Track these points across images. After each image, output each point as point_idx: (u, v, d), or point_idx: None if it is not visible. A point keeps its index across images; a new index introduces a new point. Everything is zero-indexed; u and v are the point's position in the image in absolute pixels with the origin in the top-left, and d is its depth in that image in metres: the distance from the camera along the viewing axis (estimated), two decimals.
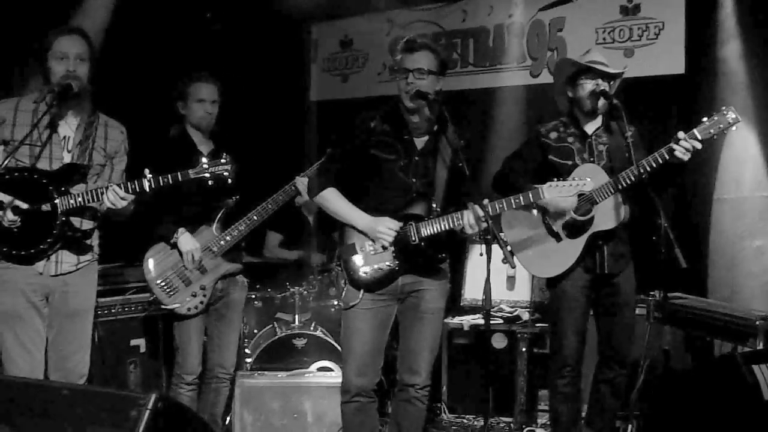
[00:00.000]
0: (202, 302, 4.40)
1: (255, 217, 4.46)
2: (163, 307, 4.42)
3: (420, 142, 3.92)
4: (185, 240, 4.36)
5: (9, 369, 3.77)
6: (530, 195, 3.77)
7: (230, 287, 4.58)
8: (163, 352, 5.19)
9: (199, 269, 4.41)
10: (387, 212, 3.82)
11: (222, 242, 4.44)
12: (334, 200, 3.89)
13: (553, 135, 4.38)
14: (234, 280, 4.60)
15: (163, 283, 4.37)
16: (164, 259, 4.41)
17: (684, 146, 3.92)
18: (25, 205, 3.65)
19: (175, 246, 4.38)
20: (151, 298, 4.47)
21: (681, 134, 3.95)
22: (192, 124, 4.48)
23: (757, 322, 4.43)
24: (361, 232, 3.82)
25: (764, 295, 5.64)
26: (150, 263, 4.41)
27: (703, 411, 4.07)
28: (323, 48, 7.76)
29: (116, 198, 3.73)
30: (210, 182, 3.95)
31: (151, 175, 3.78)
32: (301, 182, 4.51)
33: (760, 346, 4.39)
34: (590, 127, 4.36)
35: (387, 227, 3.76)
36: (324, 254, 6.14)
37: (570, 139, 4.34)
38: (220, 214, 4.47)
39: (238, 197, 4.49)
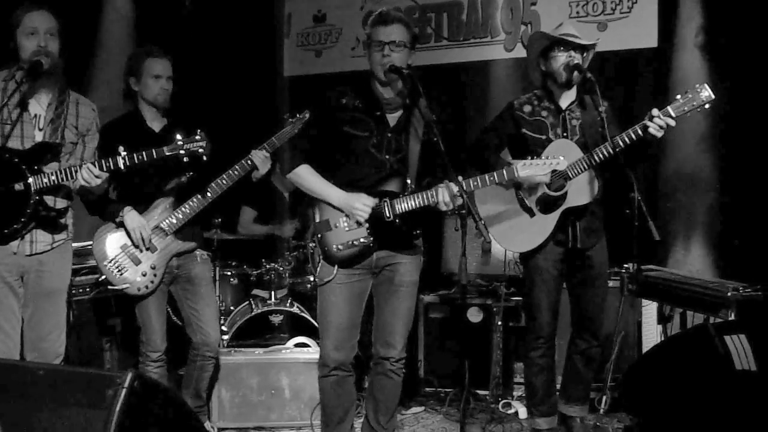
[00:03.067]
0: (152, 281, 4.32)
1: (209, 194, 4.35)
2: (111, 288, 4.33)
3: (392, 118, 3.91)
4: (131, 217, 4.25)
5: None
6: (504, 173, 3.78)
7: (188, 264, 4.49)
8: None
9: (148, 248, 4.31)
10: (361, 189, 3.81)
11: (173, 220, 4.34)
12: (307, 177, 3.88)
13: (527, 108, 4.38)
14: (191, 256, 4.50)
15: (111, 264, 4.28)
16: (113, 239, 4.31)
17: (658, 123, 3.95)
18: None
19: (122, 225, 4.28)
20: (101, 278, 4.40)
21: (655, 111, 3.97)
22: (147, 101, 4.37)
23: (729, 293, 4.49)
24: (336, 208, 3.82)
25: None
26: (98, 243, 4.31)
27: (676, 381, 4.12)
28: (296, 23, 7.70)
29: (90, 176, 3.71)
30: (185, 159, 3.93)
31: (125, 153, 3.76)
32: (257, 156, 4.45)
33: (732, 317, 4.45)
34: (564, 101, 4.37)
35: (363, 203, 3.76)
36: (295, 222, 6.11)
37: (544, 113, 4.36)
38: (173, 191, 4.39)
39: (192, 174, 4.38)
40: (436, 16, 7.01)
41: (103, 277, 4.34)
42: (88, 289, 5.09)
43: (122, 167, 3.75)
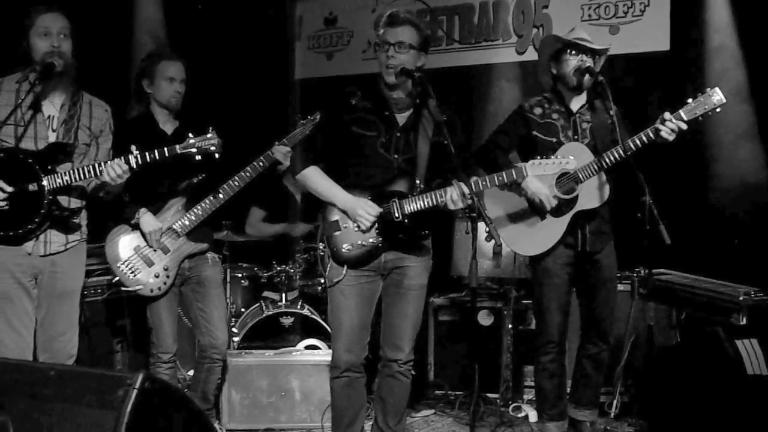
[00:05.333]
0: (165, 283, 4.33)
1: (221, 195, 4.36)
2: (124, 289, 4.35)
3: (401, 118, 3.91)
4: (147, 220, 4.27)
5: None
6: (513, 173, 3.78)
7: (200, 266, 4.51)
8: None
9: (161, 249, 4.33)
10: (369, 189, 3.82)
11: (186, 222, 4.35)
12: (315, 178, 3.88)
13: (538, 111, 4.38)
14: (203, 258, 4.52)
15: (125, 265, 4.30)
16: (126, 241, 4.33)
17: (669, 127, 3.94)
18: (9, 188, 3.63)
19: (136, 227, 4.30)
20: (114, 280, 4.42)
21: (667, 115, 3.96)
22: (160, 103, 4.38)
23: (741, 298, 4.47)
24: (342, 210, 3.83)
25: None
26: (111, 245, 4.33)
27: (687, 386, 4.11)
28: (308, 25, 7.72)
29: (117, 173, 3.71)
30: (197, 157, 3.93)
31: (137, 152, 3.76)
32: (279, 151, 4.45)
33: (744, 322, 4.43)
34: (575, 105, 4.36)
35: (366, 211, 3.76)
36: (309, 226, 6.11)
37: (554, 116, 4.35)
38: (185, 193, 4.40)
39: (204, 175, 4.39)
40: (447, 19, 7.01)
41: (116, 278, 4.35)
42: (100, 291, 5.11)
43: (134, 165, 3.76)
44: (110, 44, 5.82)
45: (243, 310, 5.90)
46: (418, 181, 3.87)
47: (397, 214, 3.78)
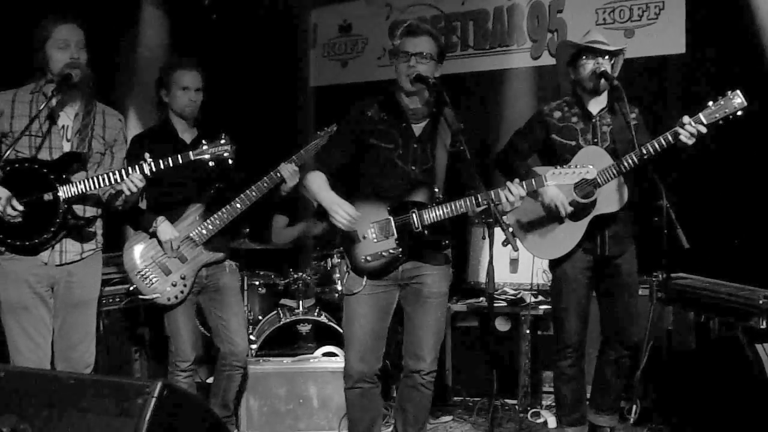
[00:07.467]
0: (182, 292, 4.35)
1: (238, 205, 4.37)
2: (141, 297, 4.36)
3: (418, 128, 3.90)
4: (164, 229, 4.29)
5: (16, 359, 3.79)
6: (533, 182, 3.73)
7: (217, 274, 4.51)
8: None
9: (179, 258, 4.34)
10: (388, 200, 3.81)
11: (204, 231, 4.36)
12: (313, 180, 3.82)
13: (557, 114, 4.37)
14: (221, 267, 4.53)
15: (142, 274, 4.31)
16: (143, 249, 4.34)
17: (689, 130, 3.90)
18: (20, 207, 3.61)
19: (154, 235, 4.32)
20: (131, 288, 4.43)
21: (686, 118, 3.92)
22: (176, 112, 4.41)
23: (761, 301, 4.43)
24: (360, 217, 3.81)
25: None
26: (129, 254, 4.34)
27: (708, 390, 4.08)
28: (322, 33, 7.73)
29: (137, 182, 3.71)
30: (210, 164, 3.94)
31: (151, 159, 3.76)
32: (286, 169, 4.46)
33: (764, 325, 4.39)
34: (594, 108, 4.34)
35: (345, 210, 3.66)
36: (324, 224, 6.11)
37: (574, 119, 4.34)
38: (203, 202, 4.42)
39: (222, 184, 4.43)
40: (461, 25, 7.01)
41: (134, 287, 4.37)
42: (117, 299, 5.13)
43: (148, 173, 3.76)
44: (117, 53, 5.85)
45: (260, 317, 5.91)
46: (437, 191, 3.86)
47: (416, 225, 3.77)
